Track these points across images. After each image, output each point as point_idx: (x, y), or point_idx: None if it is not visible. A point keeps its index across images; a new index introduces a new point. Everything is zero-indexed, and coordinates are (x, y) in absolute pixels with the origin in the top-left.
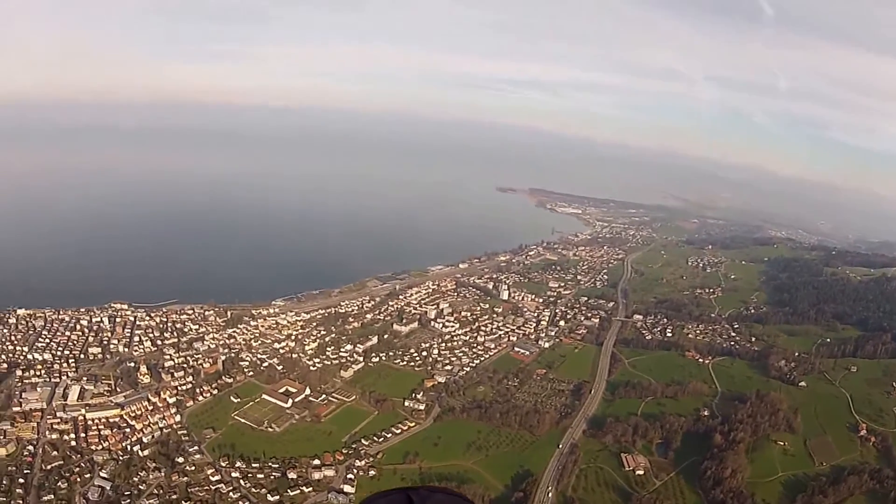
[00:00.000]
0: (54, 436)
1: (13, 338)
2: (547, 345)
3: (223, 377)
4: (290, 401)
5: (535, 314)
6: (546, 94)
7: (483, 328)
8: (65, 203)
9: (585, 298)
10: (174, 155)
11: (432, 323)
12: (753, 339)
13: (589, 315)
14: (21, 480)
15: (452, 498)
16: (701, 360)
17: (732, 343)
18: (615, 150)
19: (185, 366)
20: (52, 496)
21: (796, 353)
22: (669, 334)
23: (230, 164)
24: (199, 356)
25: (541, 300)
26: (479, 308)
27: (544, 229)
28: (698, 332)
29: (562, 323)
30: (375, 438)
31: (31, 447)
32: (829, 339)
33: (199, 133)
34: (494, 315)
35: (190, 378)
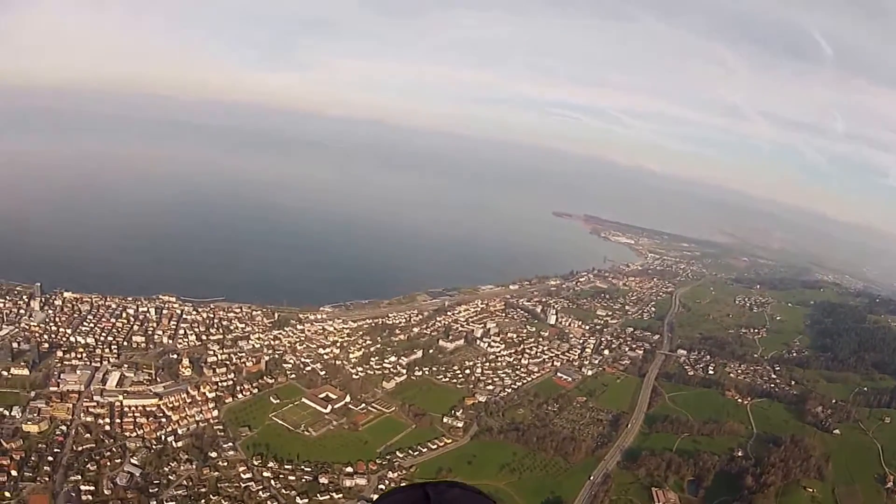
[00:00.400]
0: (89, 418)
1: (57, 319)
2: (590, 373)
3: (265, 377)
4: (330, 407)
5: (581, 341)
6: (607, 122)
7: (528, 351)
8: (131, 194)
9: (632, 329)
10: (240, 156)
11: (478, 342)
12: (793, 382)
13: (634, 346)
14: (50, 459)
15: (469, 493)
16: (740, 399)
17: (772, 385)
18: (671, 183)
19: (227, 363)
20: (80, 477)
21: (833, 400)
22: (711, 372)
23: (294, 168)
24: (243, 355)
25: (587, 327)
26: (525, 330)
27: (596, 257)
28: (740, 371)
29: (606, 352)
30: (410, 452)
31: (63, 427)
32: (866, 388)
33: (262, 135)
34: (540, 339)
35: (231, 375)
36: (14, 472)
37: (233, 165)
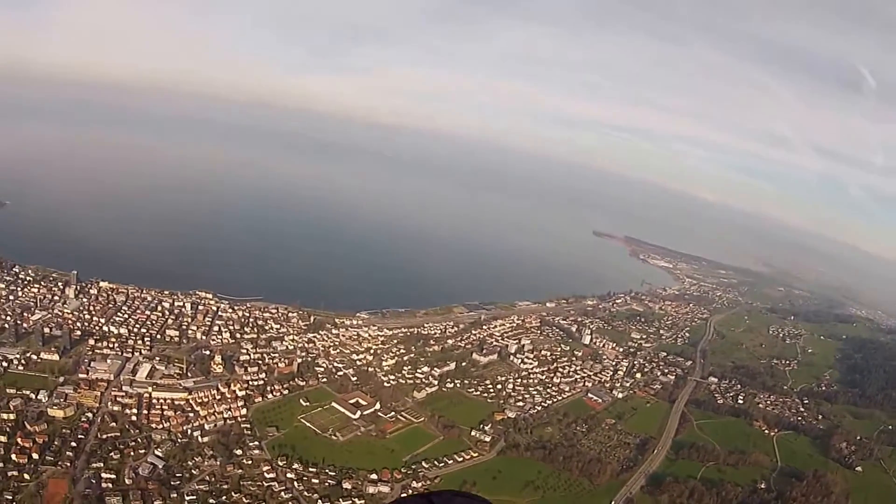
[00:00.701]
0: (116, 408)
1: (92, 308)
2: (620, 395)
3: (296, 379)
4: (359, 412)
5: (614, 363)
6: (656, 145)
7: (560, 369)
8: (177, 190)
9: (665, 354)
10: (290, 159)
11: (512, 357)
12: (820, 416)
13: (666, 371)
14: (73, 444)
15: (473, 502)
16: (767, 430)
17: (799, 418)
18: (714, 209)
19: (259, 362)
20: (102, 464)
21: (858, 437)
22: (741, 401)
23: (344, 175)
24: (276, 355)
25: (621, 349)
26: (559, 349)
27: (634, 279)
28: (769, 402)
29: (638, 375)
30: (436, 463)
31: (89, 414)
32: (891, 427)
33: (314, 140)
34: (573, 358)
35: (263, 375)
36: (35, 455)
37: (283, 169)
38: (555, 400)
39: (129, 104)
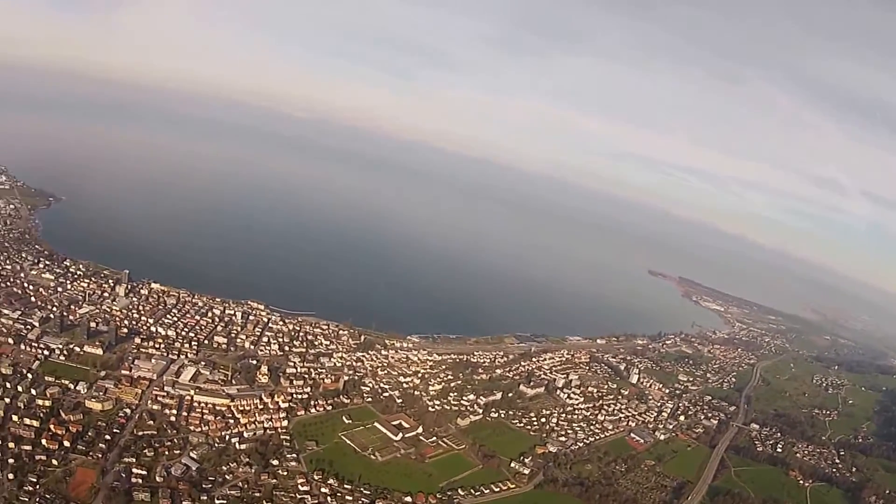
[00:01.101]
0: (155, 406)
1: (141, 307)
2: (662, 437)
3: (341, 396)
4: (400, 435)
5: (659, 404)
6: (715, 186)
7: (605, 407)
8: (238, 201)
9: (710, 398)
10: (353, 178)
11: (558, 391)
12: (854, 468)
13: (710, 415)
14: (107, 437)
15: None
16: (802, 481)
17: (834, 470)
18: (763, 251)
19: (306, 376)
20: (135, 460)
21: (888, 491)
22: (780, 449)
23: (408, 199)
24: (323, 371)
25: (667, 391)
26: (606, 386)
27: (685, 320)
28: (806, 452)
29: (682, 417)
30: (472, 491)
31: (128, 410)
32: None
33: (381, 162)
34: (619, 396)
35: (308, 389)
36: (67, 443)
37: (347, 187)
38: (597, 437)
39: (197, 113)
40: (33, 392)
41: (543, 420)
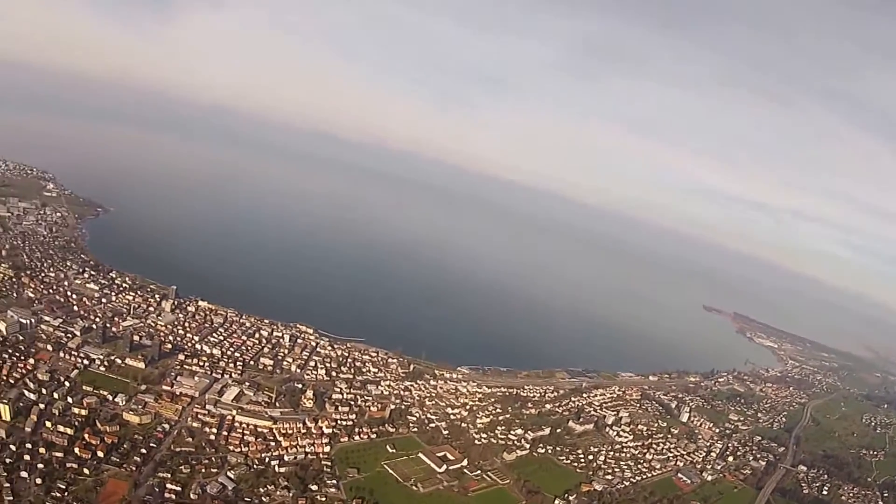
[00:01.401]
0: (195, 424)
1: (187, 324)
2: (710, 478)
3: (386, 425)
4: (445, 467)
5: (708, 443)
6: (776, 221)
7: (654, 445)
8: (293, 224)
9: (759, 438)
10: (411, 205)
11: (608, 429)
12: None
13: (758, 456)
14: (143, 451)
15: None
16: None
17: None
18: (819, 286)
19: (352, 402)
20: (170, 475)
21: None
22: (825, 492)
23: (451, 224)
24: (370, 398)
25: (717, 430)
26: (656, 425)
27: (738, 357)
28: (851, 494)
29: (731, 458)
30: None
31: (166, 426)
32: None
33: (444, 191)
34: (669, 435)
35: (353, 416)
36: (101, 454)
37: (404, 216)
38: (644, 476)
39: (264, 136)
40: (70, 400)
41: (591, 457)
